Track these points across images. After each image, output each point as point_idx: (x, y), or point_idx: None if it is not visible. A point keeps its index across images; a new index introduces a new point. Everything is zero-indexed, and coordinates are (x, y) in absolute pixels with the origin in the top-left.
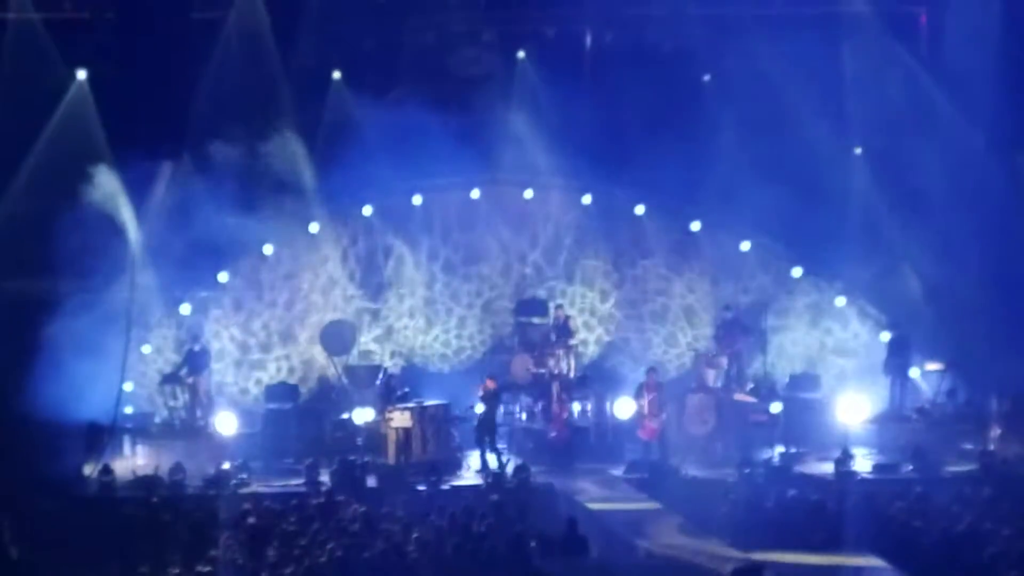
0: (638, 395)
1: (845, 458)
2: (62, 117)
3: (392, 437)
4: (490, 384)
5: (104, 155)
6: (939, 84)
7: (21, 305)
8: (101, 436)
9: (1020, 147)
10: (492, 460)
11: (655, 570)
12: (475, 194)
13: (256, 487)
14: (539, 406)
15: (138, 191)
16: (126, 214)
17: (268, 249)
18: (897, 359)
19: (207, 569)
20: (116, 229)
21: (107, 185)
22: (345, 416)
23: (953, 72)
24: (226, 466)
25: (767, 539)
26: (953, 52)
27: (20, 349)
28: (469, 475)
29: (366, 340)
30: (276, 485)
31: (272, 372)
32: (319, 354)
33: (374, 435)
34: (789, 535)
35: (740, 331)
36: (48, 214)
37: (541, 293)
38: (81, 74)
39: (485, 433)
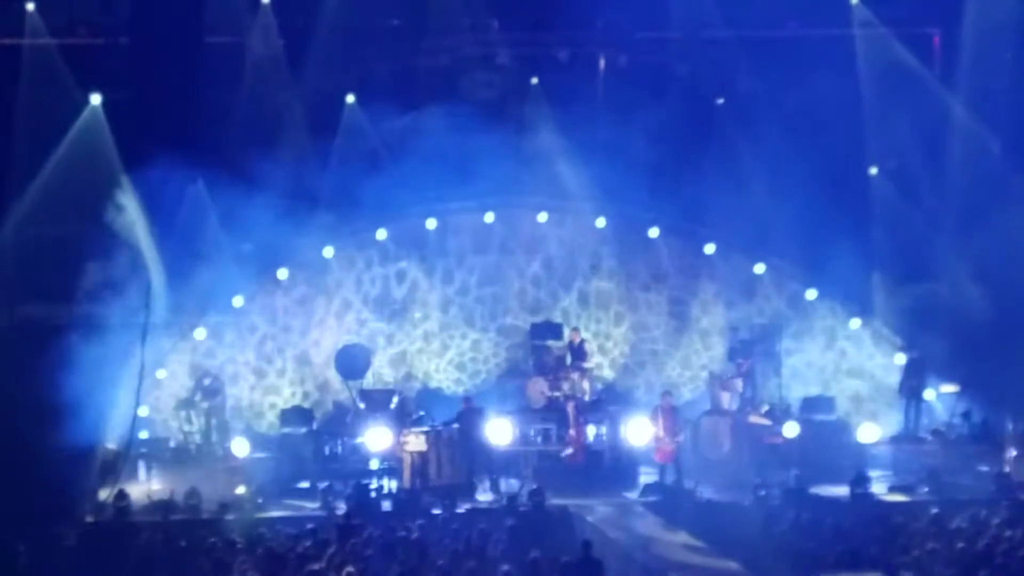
0: (652, 418)
1: (860, 480)
2: (75, 141)
3: (407, 461)
4: (465, 404)
5: (119, 180)
6: (954, 104)
7: (36, 330)
8: (116, 461)
9: None
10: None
11: None
12: (489, 218)
13: (271, 511)
14: (554, 429)
15: (152, 216)
16: (141, 239)
17: (283, 273)
18: (912, 381)
19: None
20: (130, 254)
21: (123, 210)
22: (360, 440)
23: (968, 92)
24: (241, 490)
25: (782, 561)
26: (967, 72)
27: (35, 374)
28: (484, 498)
29: (380, 364)
30: (291, 509)
31: (287, 396)
32: (334, 378)
33: (389, 459)
34: (805, 557)
35: (750, 349)
36: (63, 239)
37: (556, 316)
38: (95, 99)
39: (473, 455)
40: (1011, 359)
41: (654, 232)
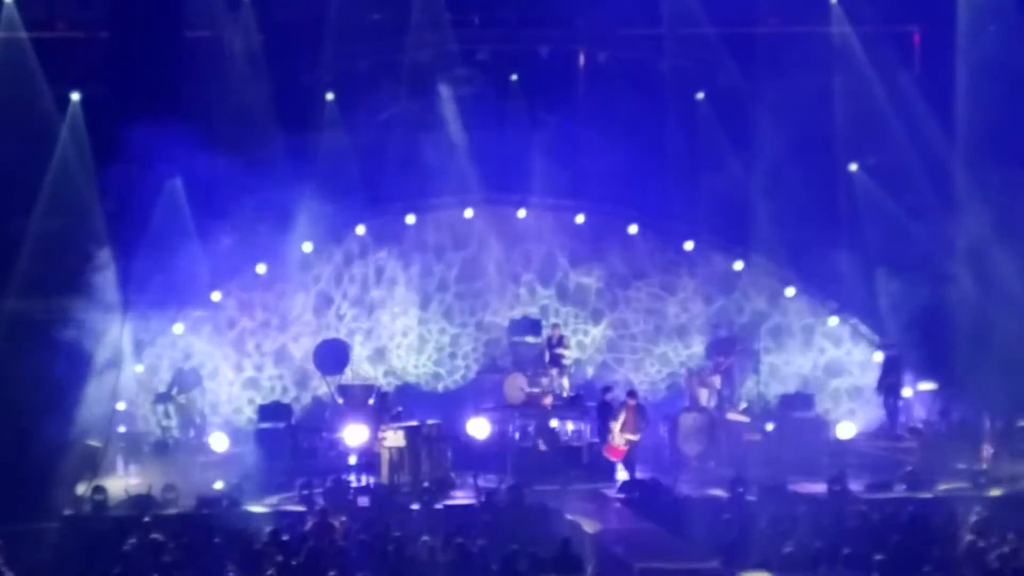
0: (615, 416)
1: (838, 477)
2: (55, 137)
3: (385, 456)
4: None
5: (95, 175)
6: (932, 101)
7: (13, 325)
8: (95, 456)
9: (1013, 164)
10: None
11: None
12: (469, 213)
13: (249, 506)
14: (532, 425)
15: (130, 210)
16: (117, 234)
17: (261, 268)
18: (890, 379)
19: None
20: (108, 249)
21: (101, 206)
22: (338, 435)
23: (946, 90)
24: (219, 485)
25: (760, 558)
26: (947, 69)
27: (13, 369)
28: (462, 494)
29: (359, 359)
30: (269, 504)
31: (265, 391)
32: (312, 373)
33: (367, 454)
34: (782, 554)
35: (731, 348)
36: (41, 235)
37: (534, 312)
38: (75, 96)
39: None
40: (989, 357)
41: (633, 229)
